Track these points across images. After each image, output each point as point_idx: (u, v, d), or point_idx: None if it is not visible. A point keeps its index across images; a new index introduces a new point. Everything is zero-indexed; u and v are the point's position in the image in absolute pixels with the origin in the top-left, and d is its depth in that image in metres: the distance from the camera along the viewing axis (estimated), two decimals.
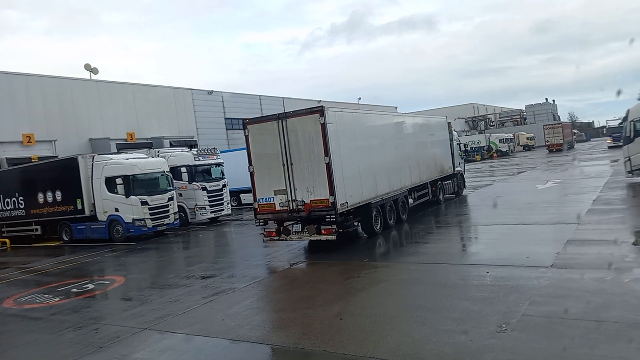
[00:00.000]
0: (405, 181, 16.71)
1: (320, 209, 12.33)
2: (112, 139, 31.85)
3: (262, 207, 13.21)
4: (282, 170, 12.70)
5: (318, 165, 12.27)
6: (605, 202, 15.96)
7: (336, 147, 12.46)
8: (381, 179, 14.88)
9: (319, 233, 12.63)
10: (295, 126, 12.56)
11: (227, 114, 43.80)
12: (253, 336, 7.15)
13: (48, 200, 20.91)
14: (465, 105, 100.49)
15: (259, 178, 13.15)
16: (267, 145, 12.95)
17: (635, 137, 19.45)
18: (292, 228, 13.22)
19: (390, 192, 15.37)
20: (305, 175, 12.50)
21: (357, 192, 13.39)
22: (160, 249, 17.50)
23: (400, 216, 16.00)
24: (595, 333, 5.93)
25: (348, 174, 12.94)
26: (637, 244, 10.22)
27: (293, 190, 12.67)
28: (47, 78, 30.62)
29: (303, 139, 12.48)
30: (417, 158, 18.02)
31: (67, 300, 10.79)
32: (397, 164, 16.28)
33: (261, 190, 13.16)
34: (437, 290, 8.54)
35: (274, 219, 13.22)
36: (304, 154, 12.48)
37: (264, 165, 13.06)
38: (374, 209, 14.25)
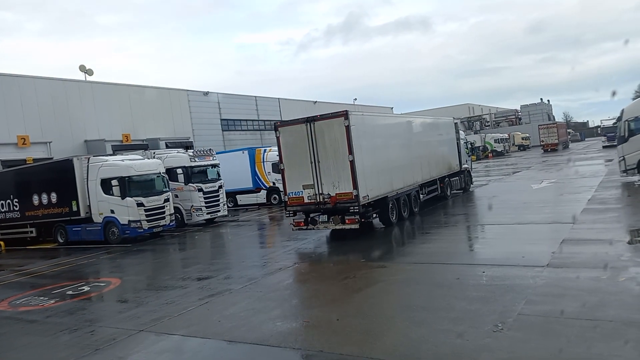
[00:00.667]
0: (417, 177, 18.15)
1: (345, 201, 13.84)
2: (108, 140, 31.77)
3: (292, 200, 14.64)
4: (310, 167, 14.18)
5: (343, 162, 13.75)
6: (600, 202, 16.03)
7: (358, 146, 13.88)
8: (396, 175, 16.31)
9: (343, 223, 14.04)
10: (322, 128, 14.09)
11: (223, 115, 43.75)
12: (250, 337, 7.13)
13: (43, 202, 20.82)
14: (461, 105, 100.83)
15: (289, 174, 14.64)
16: (296, 145, 14.43)
17: (630, 137, 19.56)
18: (319, 218, 14.53)
19: (404, 187, 16.82)
20: (330, 171, 13.99)
21: (376, 187, 14.83)
22: (156, 251, 17.45)
23: (413, 209, 17.40)
24: (591, 332, 5.95)
25: (368, 170, 14.36)
26: (632, 243, 10.27)
27: (320, 184, 14.15)
28: (42, 79, 30.51)
29: (329, 139, 13.98)
30: (427, 156, 19.44)
31: (63, 303, 10.74)
32: (410, 162, 17.68)
33: (291, 185, 14.60)
34: (433, 290, 8.55)
35: (302, 210, 14.64)
36: (329, 152, 13.98)
37: (293, 163, 14.53)
38: (390, 202, 15.66)
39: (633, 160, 19.40)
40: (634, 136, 19.42)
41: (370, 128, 15.44)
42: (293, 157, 14.54)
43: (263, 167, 28.30)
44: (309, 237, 16.24)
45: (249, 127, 46.84)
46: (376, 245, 13.59)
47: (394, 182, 16.08)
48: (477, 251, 11.87)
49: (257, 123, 48.08)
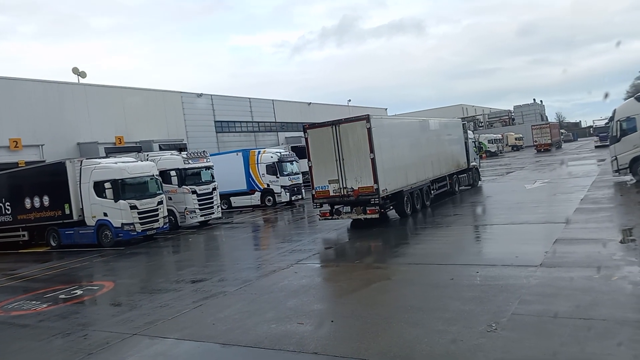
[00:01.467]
0: (429, 174, 19.92)
1: (366, 194, 15.66)
2: (101, 143, 31.60)
3: (319, 194, 16.50)
4: (335, 164, 16.05)
5: (364, 159, 15.58)
6: (593, 201, 16.12)
7: (378, 145, 15.71)
8: (410, 171, 18.13)
9: (364, 213, 15.84)
10: (346, 130, 16.00)
11: (217, 117, 43.65)
12: (244, 340, 7.11)
13: (35, 205, 20.66)
14: (455, 106, 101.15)
15: (316, 171, 16.51)
16: (323, 145, 16.27)
17: (622, 137, 19.70)
18: (343, 209, 16.53)
19: (417, 182, 18.61)
20: (354, 168, 15.82)
21: (393, 181, 16.62)
22: (149, 254, 17.37)
23: (425, 202, 19.08)
24: (585, 331, 5.97)
25: (386, 167, 16.18)
26: (625, 242, 10.33)
27: (344, 179, 15.99)
28: (34, 82, 30.31)
29: (352, 139, 15.82)
30: (437, 155, 21.32)
31: (55, 307, 10.66)
32: (422, 160, 19.49)
33: (318, 180, 16.48)
34: (428, 290, 8.56)
35: (328, 202, 16.55)
36: (353, 151, 15.82)
37: (320, 160, 16.40)
38: (405, 195, 17.46)
39: (625, 159, 19.53)
40: (626, 136, 19.56)
41: (388, 129, 17.49)
42: (320, 156, 16.39)
43: (257, 168, 28.25)
44: (304, 238, 16.24)
45: (243, 129, 46.76)
46: (368, 250, 13.59)
47: (408, 178, 17.85)
48: (471, 251, 11.89)
49: (252, 125, 48.00)
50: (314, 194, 16.64)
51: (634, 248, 9.72)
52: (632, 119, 19.40)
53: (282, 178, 27.86)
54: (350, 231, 16.35)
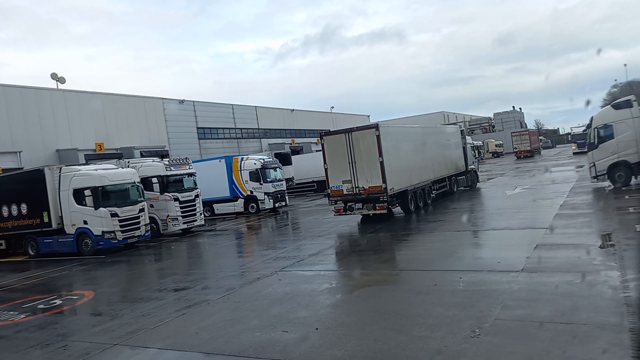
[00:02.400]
0: (430, 175, 21.99)
1: (376, 192, 17.83)
2: (81, 149, 31.16)
3: (334, 192, 18.73)
4: (348, 167, 18.21)
5: (374, 162, 17.79)
6: (572, 207, 16.40)
7: (386, 150, 17.92)
8: (414, 173, 20.30)
9: (374, 209, 18.02)
10: (358, 137, 18.16)
11: (199, 124, 43.40)
12: (227, 349, 7.03)
13: (13, 213, 20.24)
14: (436, 113, 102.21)
15: (332, 172, 18.66)
16: (337, 150, 18.43)
17: (599, 144, 20.11)
18: (355, 206, 18.45)
19: (420, 183, 20.69)
20: (364, 170, 17.99)
21: (399, 182, 18.74)
22: (131, 262, 17.12)
23: (426, 201, 21.18)
24: (566, 335, 6.05)
25: (393, 169, 18.28)
26: (604, 247, 10.52)
27: (356, 180, 18.17)
28: (11, 87, 29.80)
29: (363, 145, 18.00)
30: (438, 158, 23.41)
31: (34, 317, 10.43)
32: (424, 163, 21.58)
33: (333, 180, 18.65)
34: (411, 296, 8.59)
35: (342, 200, 18.59)
36: (363, 155, 18.00)
37: (335, 163, 18.52)
38: (409, 194, 19.53)
39: (603, 166, 19.94)
40: (604, 143, 19.97)
41: (394, 136, 19.56)
42: (334, 159, 18.53)
43: (240, 175, 28.12)
44: (287, 245, 16.20)
45: (225, 136, 46.56)
46: (353, 257, 13.60)
47: (412, 178, 20.01)
48: (453, 257, 11.96)
49: (234, 131, 47.83)
50: (329, 193, 18.81)
51: (613, 253, 9.90)
52: (609, 126, 19.84)
53: (265, 185, 27.77)
54: (337, 238, 16.36)
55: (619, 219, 13.66)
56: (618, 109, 20.01)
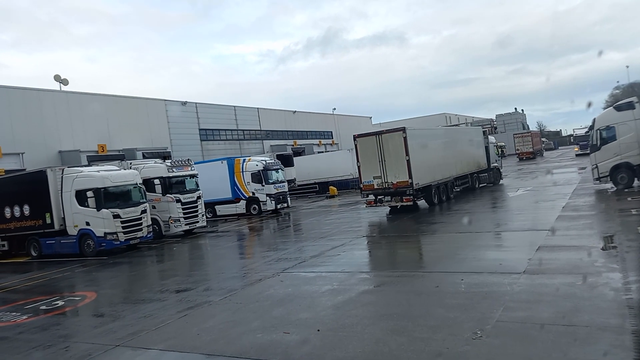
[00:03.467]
0: (452, 172, 24.18)
1: (403, 187, 20.29)
2: (83, 151, 31.25)
3: (365, 187, 21.23)
4: (378, 164, 20.73)
5: (401, 160, 20.23)
6: (574, 209, 16.37)
7: (412, 150, 20.29)
8: (437, 170, 22.46)
9: (401, 201, 20.51)
10: (387, 138, 20.72)
11: (201, 125, 43.46)
12: (229, 350, 7.04)
13: (15, 214, 20.29)
14: (438, 115, 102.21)
15: (364, 169, 21.20)
16: (368, 149, 20.97)
17: (602, 145, 20.06)
18: (384, 199, 20.92)
19: (442, 179, 22.88)
20: (393, 167, 20.47)
21: (423, 177, 21.06)
22: (133, 263, 17.14)
23: (449, 195, 23.48)
24: (567, 337, 6.04)
25: (418, 166, 20.56)
26: (606, 249, 10.50)
27: (385, 176, 20.66)
28: (13, 89, 29.89)
29: (392, 145, 20.46)
30: (460, 157, 25.60)
31: (36, 318, 10.45)
32: (446, 161, 23.73)
33: (365, 176, 21.16)
34: (412, 298, 8.58)
35: (373, 193, 21.08)
36: (392, 154, 20.46)
37: (367, 161, 21.05)
38: (433, 189, 21.84)
39: (605, 168, 19.89)
40: (606, 145, 19.93)
41: (419, 138, 22.10)
42: (366, 158, 21.03)
43: (242, 177, 28.15)
44: (289, 247, 16.21)
45: (227, 137, 46.61)
46: (357, 258, 13.60)
47: (435, 175, 22.21)
48: (455, 259, 11.96)
49: (236, 133, 47.89)
50: (361, 187, 21.45)
51: (614, 255, 9.88)
52: (611, 127, 19.79)
53: (267, 186, 27.79)
54: (339, 238, 16.38)
55: (621, 221, 13.64)
56: (620, 111, 19.96)
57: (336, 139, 62.87)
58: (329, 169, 41.53)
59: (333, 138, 62.63)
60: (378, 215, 21.15)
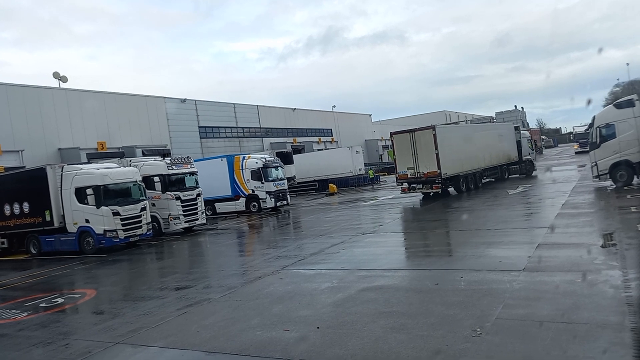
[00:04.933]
0: (480, 164, 27.39)
1: (432, 176, 23.70)
2: (82, 148, 31.22)
3: (400, 176, 24.94)
4: (411, 157, 24.21)
5: (431, 154, 23.58)
6: (574, 206, 16.38)
7: (440, 145, 23.56)
8: (465, 162, 25.66)
9: (431, 188, 24.04)
10: (419, 135, 24.22)
11: (201, 122, 43.44)
12: (229, 347, 7.05)
13: (15, 212, 20.28)
14: (438, 112, 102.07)
15: (399, 161, 24.89)
16: (403, 144, 24.55)
17: (602, 143, 20.07)
18: (416, 186, 24.55)
19: (471, 170, 26.23)
20: (424, 159, 23.80)
21: (451, 168, 24.40)
22: (132, 260, 17.15)
23: (477, 184, 26.88)
24: (567, 335, 6.05)
25: (446, 158, 23.79)
26: (605, 246, 10.51)
27: (417, 166, 24.08)
28: (13, 87, 29.85)
29: (423, 141, 23.90)
30: (488, 150, 28.50)
31: (36, 316, 10.45)
32: (473, 154, 26.77)
33: (400, 167, 24.85)
34: (412, 295, 8.59)
35: (406, 182, 24.81)
36: (423, 148, 23.86)
37: (401, 154, 24.66)
38: (460, 178, 25.32)
39: (605, 165, 19.90)
40: (606, 142, 19.94)
41: (447, 134, 25.24)
42: (401, 152, 24.65)
43: (242, 174, 28.14)
44: (289, 244, 16.22)
45: (227, 135, 46.58)
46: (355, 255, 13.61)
47: (463, 166, 25.43)
48: (454, 256, 11.98)
49: (236, 130, 47.86)
50: (397, 176, 25.22)
51: (614, 252, 9.88)
52: (611, 125, 19.80)
53: (267, 184, 27.79)
54: (339, 235, 16.38)
55: (621, 219, 13.65)
56: (620, 108, 19.97)
57: (336, 136, 62.86)
58: (328, 166, 41.57)
59: (333, 136, 62.60)
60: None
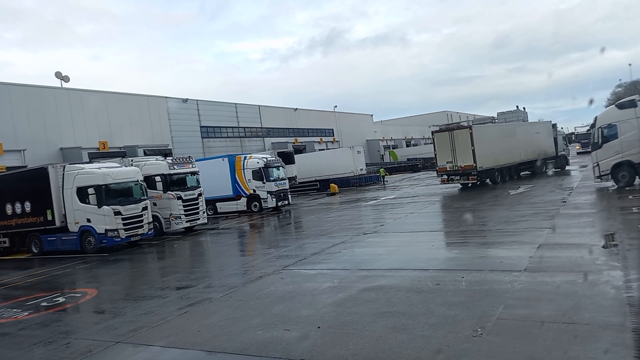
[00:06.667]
0: (515, 159, 30.27)
1: (469, 169, 26.99)
2: (84, 148, 31.24)
3: (440, 169, 28.32)
4: (450, 152, 27.53)
5: (468, 149, 26.87)
6: (575, 207, 16.36)
7: (477, 141, 26.88)
8: (500, 157, 28.66)
9: (467, 179, 27.36)
10: (457, 134, 27.64)
11: (202, 122, 43.44)
12: (230, 347, 7.05)
13: (17, 211, 20.31)
14: (439, 112, 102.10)
15: (439, 155, 28.12)
16: (443, 141, 27.98)
17: (603, 144, 20.04)
18: (454, 178, 27.85)
19: (505, 164, 29.26)
20: (461, 154, 27.13)
21: (487, 162, 27.44)
22: (134, 260, 17.16)
23: (512, 176, 29.91)
24: (568, 335, 6.04)
25: (482, 153, 26.97)
26: (607, 247, 10.49)
27: (455, 160, 27.43)
28: (15, 86, 29.88)
29: (461, 138, 27.28)
30: (524, 146, 31.31)
31: (37, 315, 10.47)
32: (509, 149, 29.63)
33: (440, 161, 28.15)
34: (413, 295, 8.58)
35: (445, 174, 28.15)
36: (461, 144, 27.20)
37: (441, 150, 27.96)
38: (495, 171, 28.36)
39: (607, 166, 19.87)
40: (608, 143, 19.91)
41: (483, 132, 28.70)
42: (441, 147, 27.99)
43: (243, 174, 28.15)
44: (290, 244, 16.22)
45: (229, 134, 46.59)
46: (355, 255, 13.59)
47: (498, 160, 28.48)
48: (455, 256, 11.96)
49: (238, 130, 47.86)
50: (437, 169, 28.60)
51: (616, 253, 9.86)
52: (613, 125, 19.77)
53: (268, 184, 27.80)
54: (340, 235, 16.37)
55: (622, 219, 13.63)
56: (622, 109, 19.94)
57: (337, 136, 62.85)
58: (330, 166, 41.55)
59: (334, 135, 62.59)
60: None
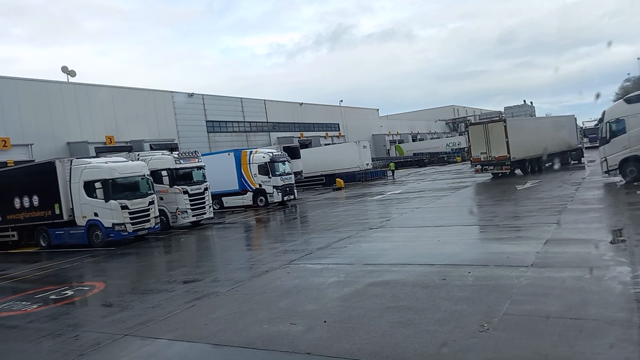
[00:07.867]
0: (544, 150, 31.16)
1: (502, 159, 28.70)
2: (91, 142, 31.38)
3: (474, 159, 30.21)
4: (485, 144, 29.31)
5: (502, 141, 28.66)
6: (583, 202, 16.27)
7: (510, 134, 28.64)
8: (530, 148, 30.23)
9: (501, 169, 29.09)
10: (492, 127, 29.78)
11: (208, 117, 43.48)
12: (236, 341, 7.09)
13: (25, 205, 20.46)
14: (446, 107, 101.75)
15: (474, 147, 30.16)
16: (478, 134, 29.94)
17: (611, 138, 19.90)
18: (488, 168, 29.59)
19: (535, 155, 30.80)
20: (495, 146, 28.88)
21: (519, 153, 29.14)
22: (141, 254, 17.27)
23: (541, 167, 31.37)
24: (575, 331, 6.03)
25: (515, 145, 28.64)
26: (614, 242, 10.44)
27: (489, 151, 29.19)
28: (23, 81, 30.02)
29: (495, 131, 29.18)
30: (551, 138, 32.79)
31: (45, 308, 10.57)
32: (538, 141, 30.82)
33: (474, 152, 30.10)
34: (419, 290, 8.58)
35: (480, 164, 29.88)
36: (495, 136, 29.00)
37: (476, 141, 29.91)
38: (526, 162, 30.16)
39: (615, 161, 19.73)
40: (615, 137, 19.76)
41: (516, 125, 31.46)
42: (475, 139, 30.01)
43: (249, 168, 28.19)
44: (296, 239, 16.26)
45: (234, 129, 46.62)
46: (363, 250, 13.59)
47: (528, 152, 30.10)
48: (461, 252, 11.94)
49: (243, 125, 47.88)
50: (472, 160, 30.81)
51: (623, 248, 9.82)
52: (621, 120, 19.61)
53: (274, 178, 27.83)
54: (346, 230, 16.38)
55: (630, 214, 13.55)
56: (630, 103, 19.77)
57: (343, 131, 62.74)
58: (335, 161, 41.51)
59: (340, 130, 62.49)
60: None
